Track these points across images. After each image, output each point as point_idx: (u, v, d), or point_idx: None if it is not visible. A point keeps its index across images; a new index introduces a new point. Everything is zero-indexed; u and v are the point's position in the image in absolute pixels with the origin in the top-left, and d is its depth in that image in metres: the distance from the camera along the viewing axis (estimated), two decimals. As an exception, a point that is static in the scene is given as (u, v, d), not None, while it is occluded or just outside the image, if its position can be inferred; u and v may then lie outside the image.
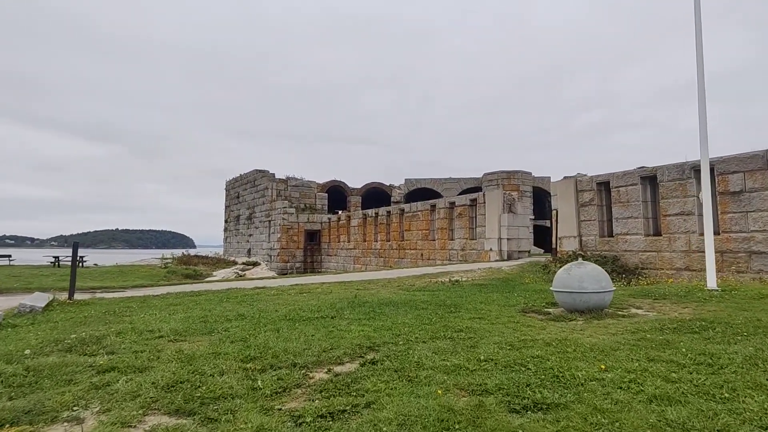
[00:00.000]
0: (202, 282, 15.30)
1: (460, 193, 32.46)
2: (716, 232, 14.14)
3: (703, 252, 14.25)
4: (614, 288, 6.83)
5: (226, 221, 44.90)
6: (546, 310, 7.21)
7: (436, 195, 35.73)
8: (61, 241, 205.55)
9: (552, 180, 39.31)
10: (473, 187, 36.76)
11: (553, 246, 17.47)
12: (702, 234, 14.21)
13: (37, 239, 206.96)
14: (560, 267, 15.18)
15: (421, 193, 39.08)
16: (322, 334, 5.23)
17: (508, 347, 4.55)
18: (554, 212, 17.59)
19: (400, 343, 4.78)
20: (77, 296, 10.97)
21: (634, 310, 7.01)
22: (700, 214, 14.40)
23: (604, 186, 17.10)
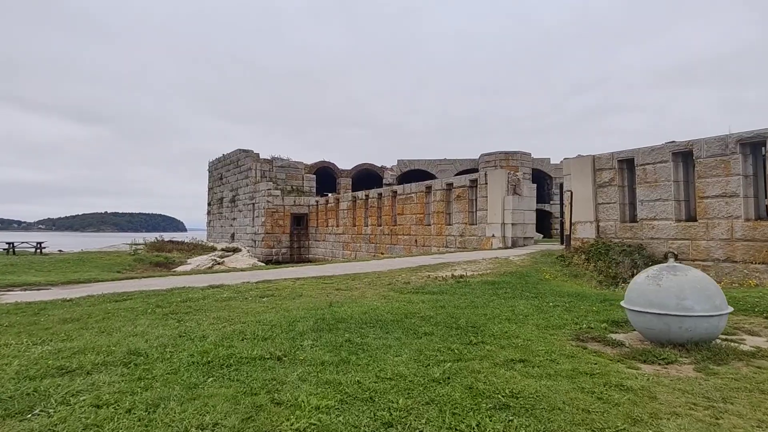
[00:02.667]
0: (162, 275, 12.58)
1: (457, 174, 29.77)
2: (764, 218, 11.69)
3: (751, 241, 11.79)
4: (731, 309, 4.23)
5: (209, 204, 41.81)
6: (612, 336, 4.61)
7: (430, 177, 33.01)
8: (48, 224, 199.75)
9: (551, 161, 36.71)
10: (470, 169, 34.10)
11: (567, 233, 14.93)
12: (748, 219, 11.74)
13: (25, 222, 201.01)
14: (583, 258, 12.65)
15: (414, 175, 36.36)
16: (234, 423, 2.58)
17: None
18: (568, 194, 15.00)
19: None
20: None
21: (753, 340, 4.44)
22: (746, 196, 11.90)
23: (626, 164, 14.50)
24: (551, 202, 33.56)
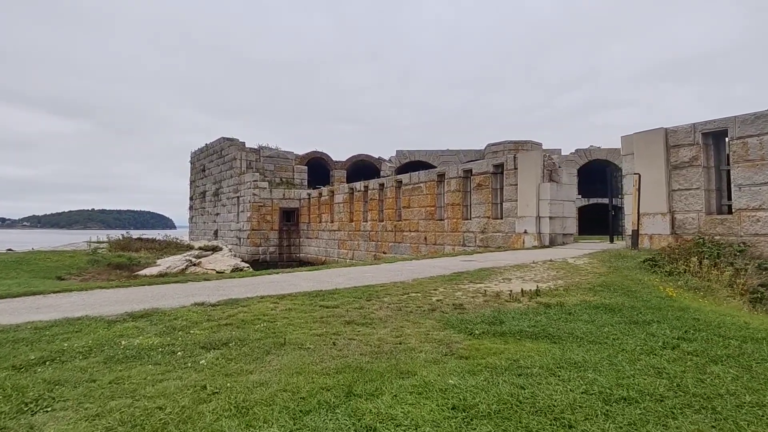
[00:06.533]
0: (84, 289, 8.55)
1: (466, 162, 25.99)
2: None
3: None
4: None
5: (191, 198, 37.47)
6: None
7: (432, 169, 29.23)
8: (34, 221, 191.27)
9: (562, 152, 33.10)
10: (475, 160, 30.39)
11: (634, 227, 11.26)
12: None
13: (9, 219, 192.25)
14: (707, 263, 8.33)
15: (414, 167, 32.54)
16: None
17: None
18: (635, 177, 11.31)
19: None
20: None
21: None
22: None
23: (713, 138, 10.87)
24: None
